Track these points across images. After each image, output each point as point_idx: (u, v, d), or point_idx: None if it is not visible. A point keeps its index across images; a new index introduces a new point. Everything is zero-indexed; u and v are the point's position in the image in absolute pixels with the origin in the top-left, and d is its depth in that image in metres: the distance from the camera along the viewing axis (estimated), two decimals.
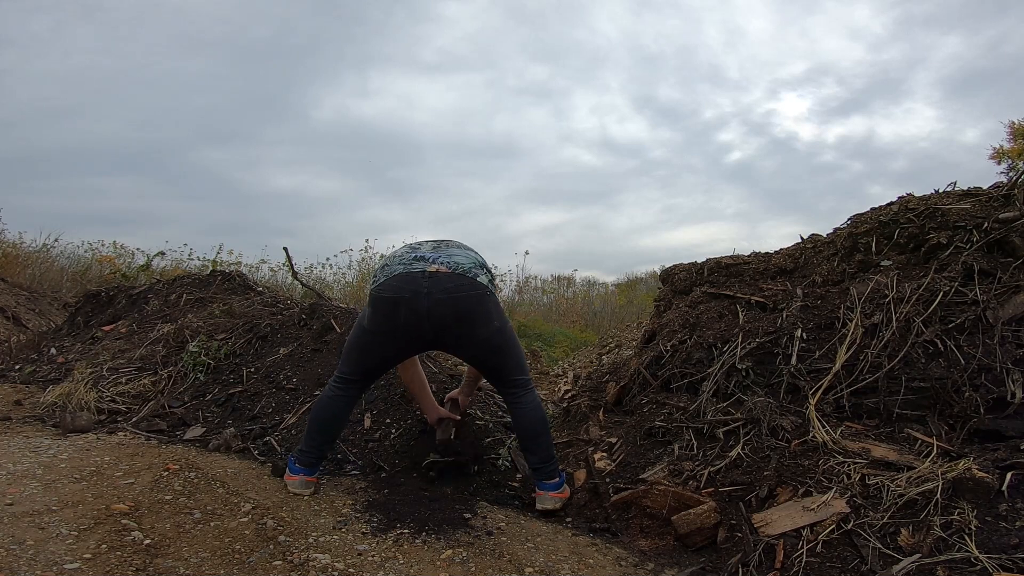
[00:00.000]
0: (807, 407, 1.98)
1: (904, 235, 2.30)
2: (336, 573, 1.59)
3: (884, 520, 1.54)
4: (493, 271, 2.19)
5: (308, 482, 2.08)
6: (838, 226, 2.71)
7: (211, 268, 6.17)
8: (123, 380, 3.18)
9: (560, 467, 2.36)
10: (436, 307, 1.88)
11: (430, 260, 1.95)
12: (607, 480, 2.11)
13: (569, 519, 2.07)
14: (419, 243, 2.15)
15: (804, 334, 2.18)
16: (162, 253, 6.92)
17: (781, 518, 1.67)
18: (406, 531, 1.86)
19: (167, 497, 1.93)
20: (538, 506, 2.07)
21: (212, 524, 1.79)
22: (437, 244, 2.10)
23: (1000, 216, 2.10)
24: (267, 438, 2.55)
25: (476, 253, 2.13)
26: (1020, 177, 2.28)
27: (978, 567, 1.33)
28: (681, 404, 2.25)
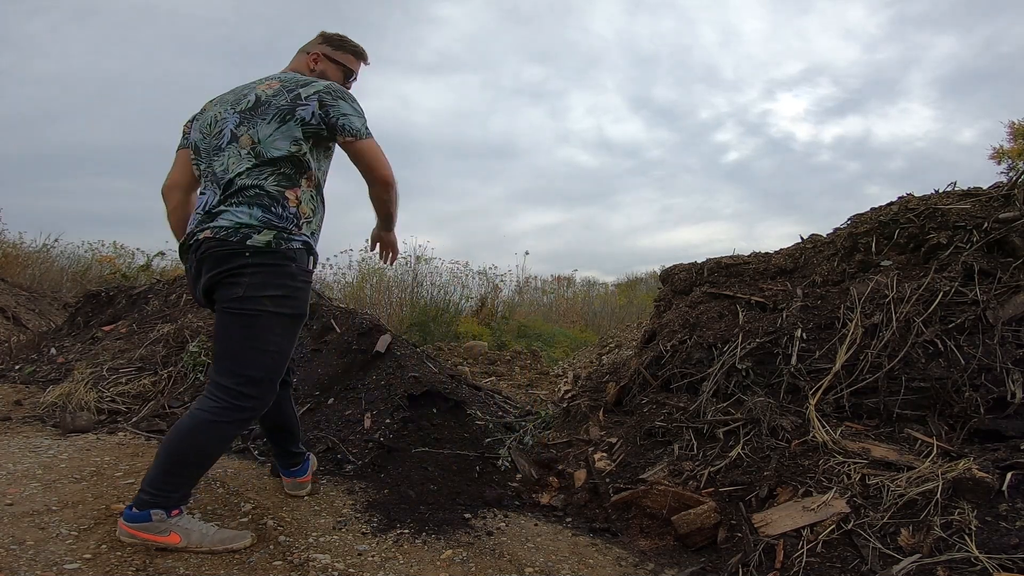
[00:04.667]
0: (807, 407, 1.98)
1: (904, 235, 2.30)
2: (336, 573, 1.59)
3: (884, 520, 1.54)
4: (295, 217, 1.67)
5: (300, 483, 2.08)
6: (838, 226, 2.71)
7: None
8: (123, 380, 3.18)
9: (560, 467, 2.36)
10: (200, 262, 1.65)
11: (204, 223, 1.65)
12: (607, 480, 2.11)
13: (569, 519, 2.07)
14: (217, 145, 1.72)
15: (804, 334, 2.18)
16: (162, 253, 6.92)
17: (781, 518, 1.67)
18: (406, 531, 1.86)
19: None
20: None
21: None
22: (223, 177, 1.67)
23: (1000, 216, 2.10)
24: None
25: (267, 193, 1.64)
26: (1020, 177, 2.28)
27: (978, 567, 1.33)
28: (681, 404, 2.25)
